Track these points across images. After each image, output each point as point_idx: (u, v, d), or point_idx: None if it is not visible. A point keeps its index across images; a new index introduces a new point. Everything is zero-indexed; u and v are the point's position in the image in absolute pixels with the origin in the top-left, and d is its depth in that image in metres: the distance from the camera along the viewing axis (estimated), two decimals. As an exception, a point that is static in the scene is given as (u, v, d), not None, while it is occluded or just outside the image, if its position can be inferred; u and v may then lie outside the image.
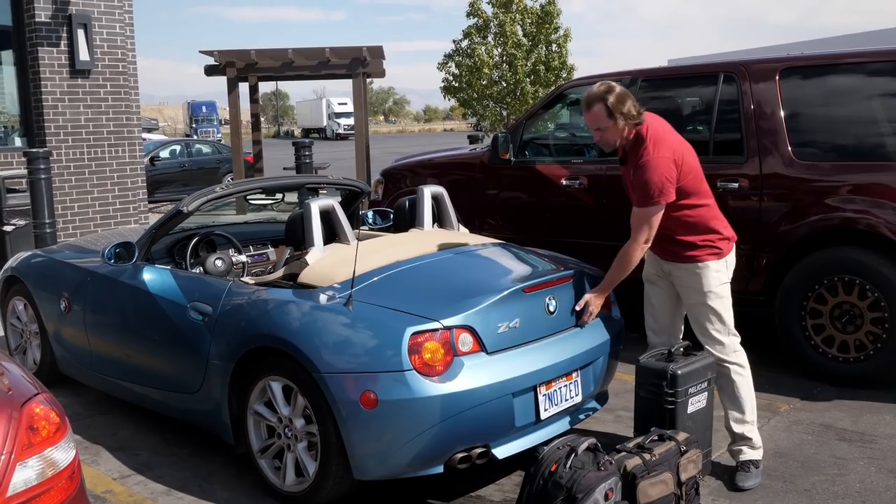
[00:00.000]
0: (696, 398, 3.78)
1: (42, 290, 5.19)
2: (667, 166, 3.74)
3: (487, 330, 3.56)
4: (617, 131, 3.81)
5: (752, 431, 3.95)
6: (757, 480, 3.89)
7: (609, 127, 3.80)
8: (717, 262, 3.91)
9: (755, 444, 3.96)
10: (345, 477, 3.57)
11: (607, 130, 3.82)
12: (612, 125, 3.78)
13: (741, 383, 3.94)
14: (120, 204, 10.12)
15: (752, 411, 3.96)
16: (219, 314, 4.01)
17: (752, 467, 3.93)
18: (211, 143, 22.29)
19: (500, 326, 3.60)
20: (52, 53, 9.40)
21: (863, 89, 5.22)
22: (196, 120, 57.15)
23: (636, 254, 3.85)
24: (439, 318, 3.45)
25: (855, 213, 5.01)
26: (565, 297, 4.00)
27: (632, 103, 3.78)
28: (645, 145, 3.80)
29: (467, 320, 3.51)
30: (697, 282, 3.89)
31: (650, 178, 3.72)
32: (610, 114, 3.75)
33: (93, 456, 4.39)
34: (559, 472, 3.19)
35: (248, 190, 4.80)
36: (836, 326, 5.14)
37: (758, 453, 3.97)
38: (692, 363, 3.78)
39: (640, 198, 3.78)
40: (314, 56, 12.98)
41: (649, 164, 3.74)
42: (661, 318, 4.15)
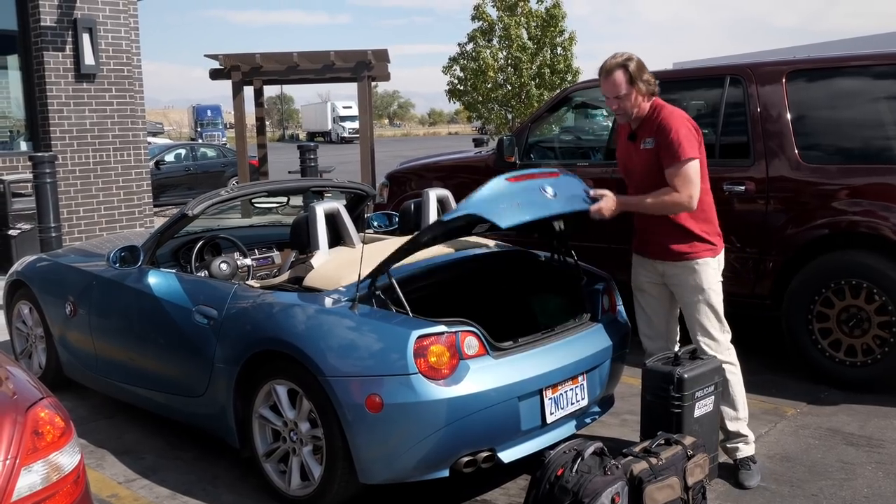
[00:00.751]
0: (702, 402, 3.76)
1: (47, 294, 5.20)
2: (685, 126, 3.78)
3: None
4: (635, 99, 3.83)
5: (745, 428, 4.02)
6: (759, 477, 3.94)
7: (628, 94, 3.81)
8: (714, 258, 3.93)
9: (749, 440, 4.02)
10: (350, 481, 3.56)
11: (626, 98, 3.83)
12: (632, 92, 3.81)
13: (734, 381, 3.99)
14: (125, 208, 10.14)
15: (744, 408, 4.02)
16: (224, 318, 4.00)
17: (750, 464, 3.97)
18: (216, 147, 22.35)
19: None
20: (58, 58, 9.42)
21: (869, 92, 5.20)
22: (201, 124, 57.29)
23: (672, 208, 3.81)
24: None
25: (862, 217, 4.99)
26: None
27: (649, 74, 3.85)
28: (661, 109, 3.85)
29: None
30: (696, 279, 3.89)
31: (678, 131, 3.75)
32: (631, 80, 3.79)
33: (98, 460, 4.38)
34: (565, 476, 3.17)
35: (253, 193, 4.80)
36: (843, 330, 5.12)
37: (751, 448, 4.02)
38: (699, 367, 3.76)
39: (670, 156, 3.76)
40: (319, 59, 12.98)
41: (672, 119, 3.78)
42: (656, 323, 4.14)
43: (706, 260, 3.89)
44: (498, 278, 4.50)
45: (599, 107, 8.05)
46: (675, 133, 3.74)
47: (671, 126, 3.77)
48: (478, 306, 4.30)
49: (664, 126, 3.79)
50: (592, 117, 8.93)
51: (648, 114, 3.89)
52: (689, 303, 3.96)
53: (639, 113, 3.89)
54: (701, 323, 3.95)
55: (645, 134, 3.90)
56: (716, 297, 3.93)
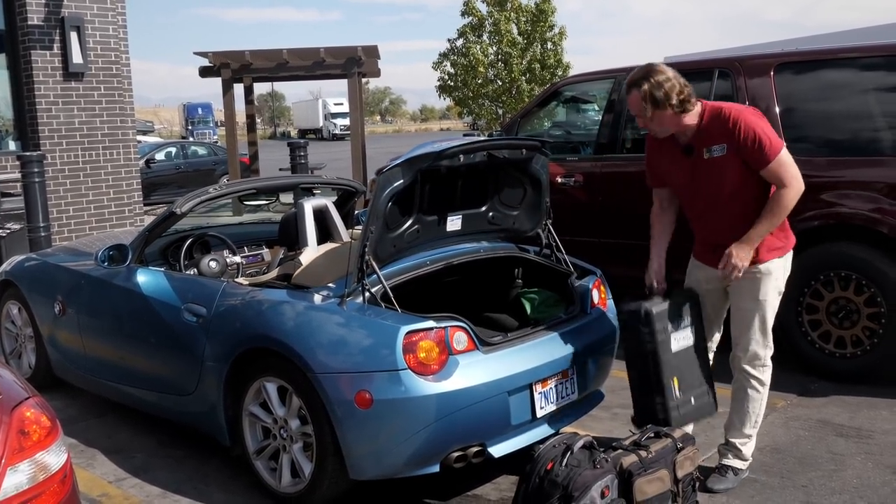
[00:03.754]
0: (678, 335, 3.69)
1: (36, 293, 5.17)
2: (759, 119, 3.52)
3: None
4: (659, 119, 3.57)
5: (745, 444, 3.86)
6: (730, 486, 3.79)
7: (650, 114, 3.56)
8: (778, 262, 3.67)
9: (744, 456, 3.86)
10: (341, 477, 3.56)
11: (647, 117, 3.58)
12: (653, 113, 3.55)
13: (755, 399, 3.81)
14: (115, 207, 10.09)
15: (752, 427, 3.85)
16: (213, 315, 3.99)
17: (729, 472, 3.83)
18: (207, 145, 22.31)
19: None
20: (46, 56, 9.36)
21: (858, 84, 5.20)
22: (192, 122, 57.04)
23: (792, 200, 3.49)
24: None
25: (850, 209, 5.00)
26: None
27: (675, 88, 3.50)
28: (721, 111, 3.54)
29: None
30: (755, 287, 3.66)
31: (763, 132, 3.46)
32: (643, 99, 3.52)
33: (88, 459, 4.37)
34: (555, 470, 3.18)
35: (242, 191, 4.79)
36: (832, 322, 5.13)
37: (742, 464, 3.87)
38: (667, 303, 3.69)
39: (763, 156, 3.46)
40: (309, 56, 12.96)
41: (742, 118, 3.48)
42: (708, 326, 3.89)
43: (768, 266, 3.63)
44: (488, 273, 4.50)
45: (589, 101, 8.06)
46: (757, 130, 3.46)
47: (749, 125, 3.47)
48: (467, 301, 4.30)
49: (740, 128, 3.47)
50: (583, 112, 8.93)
51: (703, 122, 3.58)
52: (740, 308, 3.74)
53: (681, 129, 3.63)
54: (745, 331, 3.74)
55: (708, 142, 3.58)
56: (770, 311, 3.72)
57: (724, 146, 3.54)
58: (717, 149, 3.56)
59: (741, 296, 3.73)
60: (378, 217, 3.56)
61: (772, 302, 3.72)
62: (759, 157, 3.48)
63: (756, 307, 3.70)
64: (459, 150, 3.67)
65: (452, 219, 4.07)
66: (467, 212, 4.11)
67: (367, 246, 3.52)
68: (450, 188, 3.94)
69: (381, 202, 3.55)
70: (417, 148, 3.65)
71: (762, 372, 3.82)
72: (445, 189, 3.92)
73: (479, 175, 4.01)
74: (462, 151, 3.69)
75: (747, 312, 3.73)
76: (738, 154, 3.51)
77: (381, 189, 3.53)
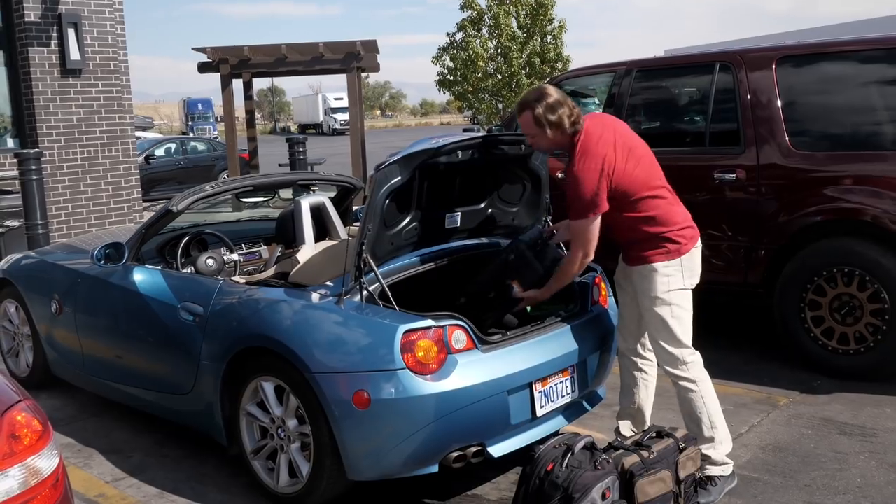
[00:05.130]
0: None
1: (32, 292, 5.14)
2: (592, 179, 3.47)
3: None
4: (548, 140, 3.58)
5: (712, 449, 3.67)
6: (714, 498, 3.61)
7: (538, 134, 3.58)
8: (667, 263, 3.61)
9: (717, 461, 3.68)
10: (339, 478, 3.52)
11: (537, 137, 3.60)
12: (540, 133, 3.56)
13: (693, 399, 3.67)
14: (114, 203, 10.06)
15: (709, 428, 3.66)
16: (209, 314, 3.95)
17: (709, 485, 3.63)
18: (206, 141, 22.23)
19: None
20: (43, 53, 9.32)
21: (860, 77, 5.15)
22: (192, 117, 56.96)
23: (574, 269, 3.67)
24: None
25: (854, 204, 4.95)
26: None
27: (566, 112, 3.51)
28: (572, 158, 3.54)
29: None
30: (646, 285, 3.65)
31: (577, 194, 3.50)
32: (538, 122, 3.53)
33: (85, 459, 4.34)
34: (555, 471, 3.14)
35: (239, 188, 4.74)
36: (835, 318, 5.09)
37: (721, 469, 3.69)
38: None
39: (573, 211, 3.57)
40: (308, 51, 12.89)
41: (575, 179, 3.49)
42: (628, 321, 3.92)
43: (654, 265, 3.60)
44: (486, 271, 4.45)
45: (590, 95, 8.01)
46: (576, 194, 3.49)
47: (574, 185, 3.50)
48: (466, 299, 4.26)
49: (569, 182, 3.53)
50: (583, 106, 8.88)
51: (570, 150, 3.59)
52: (643, 309, 3.73)
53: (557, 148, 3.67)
54: (651, 333, 3.73)
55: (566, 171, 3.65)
56: (666, 308, 3.62)
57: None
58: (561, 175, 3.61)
59: (640, 296, 3.72)
60: (375, 214, 3.52)
61: (666, 299, 3.62)
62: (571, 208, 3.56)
63: (651, 304, 3.65)
64: (457, 147, 3.63)
65: (451, 216, 4.03)
66: (466, 209, 4.07)
67: (364, 244, 3.47)
68: (448, 185, 3.90)
69: (379, 199, 3.51)
70: (415, 144, 3.60)
71: (687, 370, 3.67)
72: (444, 186, 3.88)
73: (478, 171, 3.97)
74: (460, 147, 3.65)
75: (646, 312, 3.70)
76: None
77: (378, 186, 3.49)
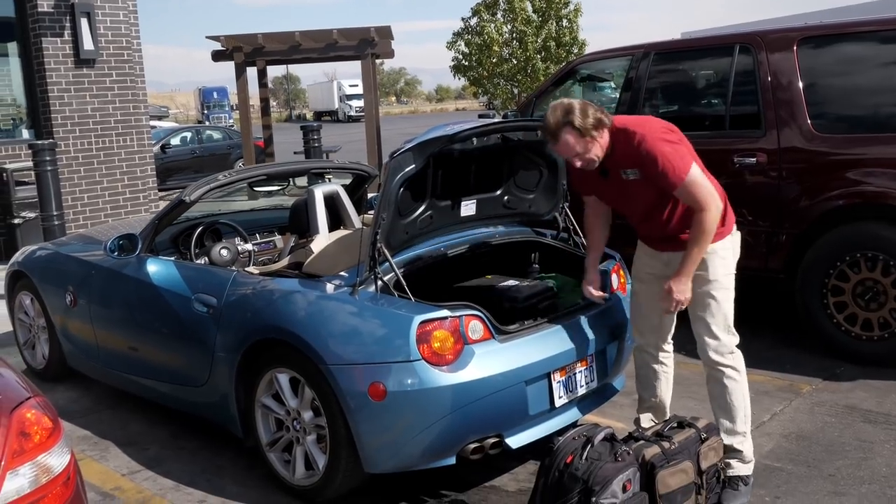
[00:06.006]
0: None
1: (47, 284, 5.13)
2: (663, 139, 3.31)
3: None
4: (599, 146, 3.36)
5: (742, 443, 3.55)
6: (745, 499, 3.48)
7: (589, 147, 3.34)
8: (723, 244, 3.49)
9: (745, 458, 3.55)
10: (355, 470, 3.48)
11: (588, 151, 3.35)
12: (591, 142, 3.33)
13: (734, 389, 3.52)
14: (130, 193, 10.07)
15: (743, 421, 3.54)
16: (223, 305, 3.92)
17: (740, 484, 3.51)
18: (222, 130, 22.24)
19: None
20: (56, 44, 9.31)
21: (884, 58, 5.04)
22: (208, 106, 57.05)
23: (713, 221, 3.32)
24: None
25: (878, 187, 4.85)
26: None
27: (593, 109, 3.33)
28: (630, 132, 3.34)
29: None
30: (704, 268, 3.45)
31: (660, 153, 3.27)
32: (583, 134, 3.30)
33: (101, 452, 4.32)
34: (575, 463, 3.08)
35: (252, 177, 4.69)
36: (858, 304, 4.99)
37: (748, 468, 3.56)
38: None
39: (670, 181, 3.29)
40: (322, 38, 12.83)
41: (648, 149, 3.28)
42: (651, 316, 3.74)
43: (713, 247, 3.44)
44: (504, 259, 4.39)
45: (606, 79, 7.91)
46: (662, 152, 3.26)
47: (654, 147, 3.28)
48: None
49: (646, 153, 3.29)
50: (599, 90, 8.78)
51: (615, 142, 3.39)
52: (695, 294, 3.49)
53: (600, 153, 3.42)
54: (703, 318, 3.52)
55: (620, 165, 3.42)
56: (723, 292, 3.50)
57: (636, 170, 3.37)
58: (631, 172, 3.40)
59: (694, 282, 3.47)
60: (390, 203, 3.46)
61: (724, 283, 3.50)
62: (667, 184, 3.31)
63: (709, 289, 3.48)
64: (472, 133, 3.57)
65: (467, 203, 3.96)
66: (482, 196, 4.00)
67: (378, 233, 3.42)
68: (463, 172, 3.84)
69: (393, 188, 3.45)
70: (429, 131, 3.54)
71: (733, 359, 3.53)
72: (459, 173, 3.82)
73: (493, 158, 3.90)
74: (475, 134, 3.58)
75: (701, 296, 3.50)
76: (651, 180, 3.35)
77: (392, 174, 3.43)
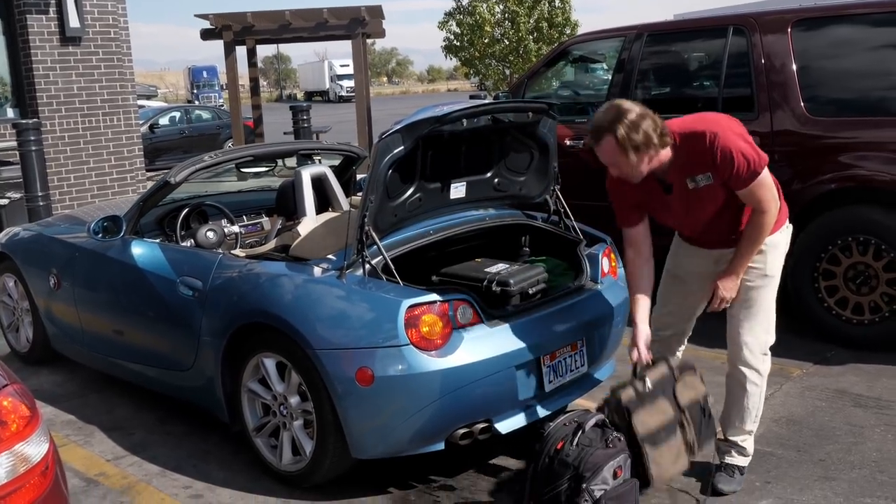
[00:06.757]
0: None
1: (30, 266, 5.05)
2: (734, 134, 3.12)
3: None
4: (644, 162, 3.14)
5: (745, 440, 3.51)
6: (738, 487, 3.48)
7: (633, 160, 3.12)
8: (783, 236, 3.38)
9: (746, 452, 3.53)
10: (342, 455, 3.45)
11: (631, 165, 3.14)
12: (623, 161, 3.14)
13: (753, 394, 3.43)
14: (117, 174, 9.95)
15: (753, 421, 3.49)
16: (209, 289, 3.86)
17: (735, 472, 3.51)
18: (211, 109, 22.06)
19: None
20: (41, 21, 9.16)
21: (879, 41, 4.99)
22: (197, 85, 56.55)
23: (771, 222, 3.21)
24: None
25: (871, 171, 4.82)
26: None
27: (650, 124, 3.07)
28: (699, 133, 3.13)
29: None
30: (763, 263, 3.31)
31: (736, 150, 3.08)
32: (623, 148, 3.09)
33: (86, 437, 4.27)
34: (566, 449, 3.05)
35: (238, 158, 4.62)
36: (850, 288, 4.97)
37: (745, 460, 3.54)
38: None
39: (745, 177, 3.11)
40: (312, 17, 12.72)
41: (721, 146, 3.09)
42: (683, 314, 3.61)
43: (774, 239, 3.32)
44: (494, 242, 4.34)
45: (599, 60, 7.84)
46: (735, 150, 3.08)
47: (725, 147, 3.08)
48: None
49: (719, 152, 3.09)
50: (592, 71, 8.70)
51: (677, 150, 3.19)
52: (742, 289, 3.35)
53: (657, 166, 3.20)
54: (748, 314, 3.37)
55: (689, 171, 3.21)
56: (772, 289, 3.37)
57: (708, 175, 3.18)
58: (701, 178, 3.20)
59: (747, 275, 3.34)
60: (378, 185, 3.41)
61: (777, 279, 3.39)
62: (739, 182, 3.15)
63: (763, 285, 3.35)
64: (462, 115, 3.50)
65: (456, 186, 3.90)
66: (472, 178, 3.95)
67: (366, 216, 3.36)
68: (453, 154, 3.78)
69: (381, 170, 3.39)
70: (418, 112, 3.48)
71: (763, 361, 3.43)
72: (449, 155, 3.76)
73: (483, 140, 3.84)
74: (465, 115, 3.52)
75: (751, 292, 3.35)
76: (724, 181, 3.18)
77: (380, 156, 3.37)
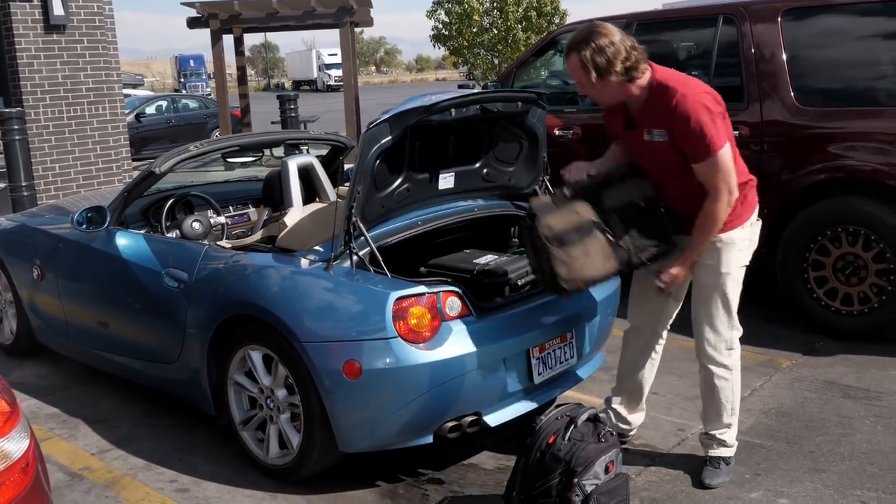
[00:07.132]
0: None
1: (14, 257, 4.98)
2: (699, 106, 3.07)
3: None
4: (594, 89, 3.19)
5: (725, 433, 3.51)
6: (726, 478, 3.47)
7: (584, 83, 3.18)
8: (742, 232, 3.31)
9: (728, 444, 3.52)
10: (330, 449, 3.42)
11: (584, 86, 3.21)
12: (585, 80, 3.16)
13: (723, 388, 3.43)
14: (102, 163, 9.85)
15: (729, 415, 3.48)
16: (195, 281, 3.81)
17: (721, 464, 3.50)
18: (198, 98, 21.91)
19: None
20: (25, 9, 9.04)
21: (868, 31, 4.97)
22: (184, 74, 56.18)
23: (723, 211, 3.15)
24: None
25: (860, 162, 4.81)
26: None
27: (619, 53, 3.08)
28: (671, 88, 3.11)
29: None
30: (717, 259, 3.29)
31: (692, 129, 3.05)
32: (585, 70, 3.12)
33: (71, 430, 4.22)
34: (557, 443, 3.03)
35: (224, 148, 4.56)
36: (839, 279, 4.97)
37: (730, 451, 3.53)
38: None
39: (696, 153, 3.10)
40: (299, 5, 12.60)
41: (681, 114, 3.07)
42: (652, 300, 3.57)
43: (730, 236, 3.26)
44: (482, 234, 4.31)
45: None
46: (700, 120, 3.05)
47: (692, 112, 3.05)
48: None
49: (681, 114, 3.07)
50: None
51: (648, 96, 3.19)
52: (702, 286, 3.38)
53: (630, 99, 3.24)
54: (708, 312, 3.37)
55: (648, 122, 3.23)
56: (733, 287, 3.34)
57: (664, 132, 3.17)
58: (657, 133, 3.20)
59: (701, 270, 3.35)
60: (365, 176, 3.36)
61: (735, 276, 3.35)
62: (691, 152, 3.11)
63: (721, 283, 3.32)
64: (450, 104, 3.46)
65: (445, 176, 3.87)
66: (460, 169, 3.91)
67: (353, 207, 3.32)
68: (441, 144, 3.74)
69: (369, 160, 3.35)
70: (406, 102, 3.43)
71: (729, 356, 3.42)
72: (437, 145, 3.72)
73: (472, 130, 3.80)
74: (453, 105, 3.48)
75: (708, 289, 3.35)
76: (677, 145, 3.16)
77: (368, 146, 3.33)
